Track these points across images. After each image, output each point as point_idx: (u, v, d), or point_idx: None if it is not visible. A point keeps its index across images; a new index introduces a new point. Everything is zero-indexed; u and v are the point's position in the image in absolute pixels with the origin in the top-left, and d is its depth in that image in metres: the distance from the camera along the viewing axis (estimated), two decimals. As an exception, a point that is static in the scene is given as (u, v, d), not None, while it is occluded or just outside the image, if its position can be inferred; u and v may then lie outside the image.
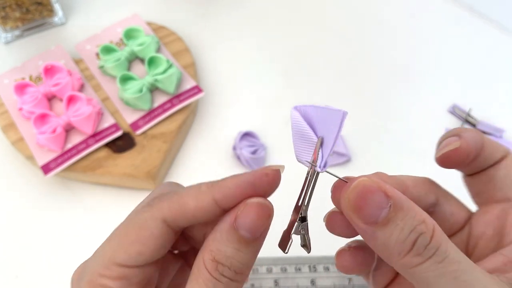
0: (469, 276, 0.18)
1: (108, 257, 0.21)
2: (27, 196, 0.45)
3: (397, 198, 0.18)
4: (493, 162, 0.23)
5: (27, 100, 0.44)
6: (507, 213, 0.23)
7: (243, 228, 0.20)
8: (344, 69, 0.54)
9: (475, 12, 0.59)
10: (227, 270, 0.20)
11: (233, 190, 0.20)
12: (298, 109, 0.22)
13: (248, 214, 0.20)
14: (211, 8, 0.58)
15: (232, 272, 0.20)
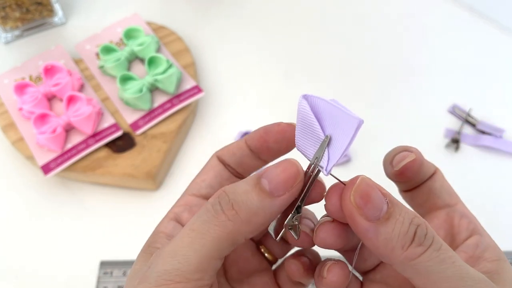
0: (463, 262, 0.19)
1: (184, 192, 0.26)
2: (27, 196, 0.45)
3: (390, 195, 0.20)
4: (429, 175, 0.27)
5: (27, 100, 0.44)
6: (451, 216, 0.26)
7: (266, 177, 0.20)
8: (344, 69, 0.54)
9: (475, 12, 0.59)
10: (224, 200, 0.20)
11: (256, 131, 0.25)
12: (308, 98, 0.21)
13: (276, 169, 0.20)
14: (211, 8, 0.58)
15: (226, 205, 0.20)
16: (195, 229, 0.20)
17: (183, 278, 0.19)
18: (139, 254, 0.24)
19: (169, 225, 0.24)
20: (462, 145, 0.48)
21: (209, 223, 0.20)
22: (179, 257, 0.20)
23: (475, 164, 0.47)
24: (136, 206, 0.44)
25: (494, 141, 0.47)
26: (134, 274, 0.22)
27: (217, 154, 0.26)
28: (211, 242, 0.20)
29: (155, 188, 0.45)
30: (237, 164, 0.26)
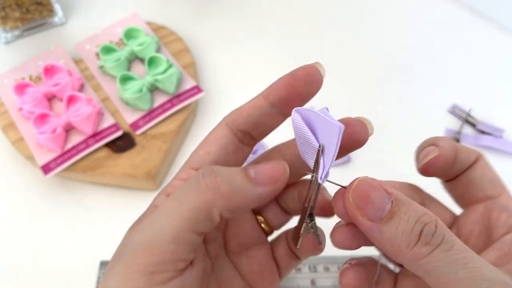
0: (479, 263, 0.18)
1: (186, 163, 0.24)
2: (27, 196, 0.45)
3: (397, 194, 0.19)
4: (468, 165, 0.25)
5: (27, 100, 0.44)
6: (490, 210, 0.24)
7: (253, 168, 0.21)
8: (344, 69, 0.54)
9: (475, 12, 0.59)
10: (210, 170, 0.21)
11: (275, 84, 0.23)
12: (299, 111, 0.22)
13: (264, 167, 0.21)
14: (211, 8, 0.58)
15: (212, 174, 0.20)
16: (175, 198, 0.20)
17: (158, 249, 0.19)
18: (138, 226, 0.23)
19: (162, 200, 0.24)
20: (462, 145, 0.48)
21: (189, 191, 0.20)
22: (155, 228, 0.19)
23: (475, 164, 0.47)
24: (136, 206, 0.44)
25: (494, 141, 0.48)
26: (115, 253, 0.22)
27: (227, 121, 0.24)
28: (187, 211, 0.20)
29: (155, 188, 0.45)
30: (254, 126, 0.24)
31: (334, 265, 0.40)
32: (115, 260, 0.21)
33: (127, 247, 0.20)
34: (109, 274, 0.20)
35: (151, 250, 0.19)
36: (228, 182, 0.20)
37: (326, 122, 0.21)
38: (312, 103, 0.50)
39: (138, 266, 0.19)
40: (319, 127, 0.21)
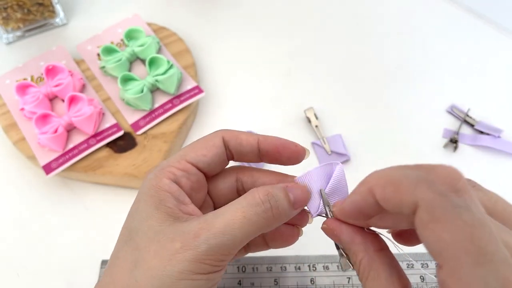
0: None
1: (180, 155, 0.28)
2: (29, 195, 0.45)
3: (342, 237, 0.25)
4: None
5: (28, 101, 0.45)
6: None
7: (290, 191, 0.26)
8: (343, 69, 0.54)
9: (474, 13, 0.59)
10: (273, 200, 0.25)
11: (273, 140, 0.28)
12: (301, 179, 0.28)
13: (296, 188, 0.27)
14: (212, 9, 0.59)
15: (273, 203, 0.25)
16: (247, 217, 0.24)
17: (228, 252, 0.24)
18: (148, 209, 0.25)
19: (172, 186, 0.26)
20: (461, 145, 0.48)
21: (259, 216, 0.24)
22: (228, 235, 0.23)
23: (474, 164, 0.47)
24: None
25: (492, 141, 0.48)
26: (158, 231, 0.24)
27: (223, 135, 0.28)
28: (255, 230, 0.24)
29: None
30: (239, 153, 0.29)
31: (334, 264, 0.41)
32: (182, 246, 0.23)
33: (200, 241, 0.23)
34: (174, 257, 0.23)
35: (223, 251, 0.24)
36: (283, 210, 0.25)
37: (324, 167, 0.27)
38: (313, 104, 0.51)
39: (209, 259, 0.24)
40: (321, 177, 0.28)
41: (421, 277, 0.40)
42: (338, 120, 0.50)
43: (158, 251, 0.23)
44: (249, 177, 0.30)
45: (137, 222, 0.25)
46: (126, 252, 0.25)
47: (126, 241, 0.25)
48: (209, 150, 0.28)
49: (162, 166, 0.27)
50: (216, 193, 0.30)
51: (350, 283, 0.40)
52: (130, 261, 0.24)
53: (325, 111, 0.50)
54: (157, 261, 0.23)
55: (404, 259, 0.41)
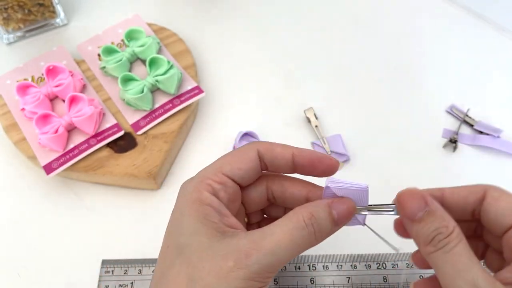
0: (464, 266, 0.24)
1: (217, 167, 0.28)
2: (29, 195, 0.45)
3: (433, 207, 0.26)
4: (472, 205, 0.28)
5: (29, 101, 0.45)
6: None
7: (334, 208, 0.27)
8: (343, 69, 0.54)
9: (473, 13, 0.59)
10: (316, 223, 0.26)
11: (308, 153, 0.29)
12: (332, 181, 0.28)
13: (341, 203, 0.27)
14: (212, 10, 0.59)
15: (316, 227, 0.26)
16: (293, 240, 0.26)
17: (274, 270, 0.26)
18: (194, 223, 0.27)
19: (213, 199, 0.27)
20: (460, 145, 0.49)
21: (304, 239, 0.26)
22: (276, 256, 0.25)
23: (473, 164, 0.48)
24: (137, 205, 0.45)
25: (492, 141, 0.48)
26: (208, 247, 0.26)
27: (258, 148, 0.29)
28: (299, 250, 0.26)
29: (156, 188, 0.45)
30: (273, 166, 0.30)
31: (333, 264, 0.41)
32: (235, 264, 0.25)
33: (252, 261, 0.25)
34: None
35: (271, 270, 0.26)
36: (324, 232, 0.27)
37: (353, 189, 0.28)
38: (312, 104, 0.51)
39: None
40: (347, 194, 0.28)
41: (421, 276, 0.40)
42: (338, 120, 0.50)
43: (213, 268, 0.25)
44: (279, 186, 0.31)
45: (185, 238, 0.27)
46: (179, 267, 0.26)
47: (176, 256, 0.26)
48: (244, 164, 0.29)
49: (199, 178, 0.28)
50: (248, 201, 0.31)
51: (350, 283, 0.40)
52: (185, 278, 0.25)
53: (325, 111, 0.50)
54: (213, 278, 0.25)
55: (404, 258, 0.41)
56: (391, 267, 0.40)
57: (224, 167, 0.28)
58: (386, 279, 0.40)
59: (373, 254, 0.41)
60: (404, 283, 0.40)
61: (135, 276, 0.40)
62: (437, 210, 0.26)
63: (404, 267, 0.40)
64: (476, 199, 0.28)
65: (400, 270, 0.40)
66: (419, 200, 0.26)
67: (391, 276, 0.40)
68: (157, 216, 0.44)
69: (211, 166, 0.29)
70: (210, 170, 0.29)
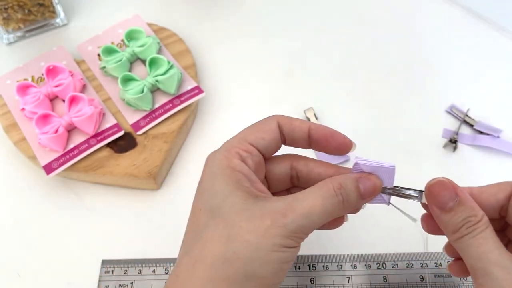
0: (487, 248, 0.26)
1: (242, 137, 0.30)
2: (29, 195, 0.45)
3: (463, 197, 0.27)
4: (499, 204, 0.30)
5: (29, 101, 0.45)
6: None
7: (361, 183, 0.28)
8: (343, 69, 0.54)
9: (473, 13, 0.59)
10: (344, 193, 0.28)
11: (323, 129, 0.30)
12: (360, 160, 0.30)
13: (368, 180, 0.29)
14: (212, 10, 0.59)
15: (345, 197, 0.28)
16: (324, 206, 0.27)
17: (306, 232, 0.27)
18: (227, 187, 0.28)
19: (243, 166, 0.28)
20: (460, 145, 0.49)
21: (333, 206, 0.27)
22: (309, 219, 0.27)
23: (473, 164, 0.48)
24: (137, 205, 0.45)
25: (491, 141, 0.48)
26: (243, 209, 0.27)
27: (278, 120, 0.30)
28: (329, 217, 0.27)
29: (156, 188, 0.45)
30: (291, 139, 0.31)
31: (333, 264, 0.41)
32: (272, 222, 0.26)
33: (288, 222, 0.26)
34: None
35: (304, 231, 0.27)
36: (351, 202, 0.28)
37: (380, 167, 0.29)
38: (312, 104, 0.51)
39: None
40: (374, 172, 0.29)
41: (421, 276, 0.40)
42: (338, 120, 0.50)
43: (251, 227, 0.26)
44: (304, 166, 0.32)
45: (218, 200, 0.27)
46: (215, 227, 0.27)
47: (210, 217, 0.27)
48: (267, 134, 0.30)
49: (226, 148, 0.30)
50: (270, 177, 0.32)
51: (350, 283, 0.40)
52: (223, 236, 0.26)
53: (325, 111, 0.50)
54: (252, 236, 0.26)
55: (404, 258, 0.41)
56: (391, 267, 0.40)
57: (248, 137, 0.30)
58: (386, 279, 0.40)
59: (373, 254, 0.41)
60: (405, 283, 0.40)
61: (135, 276, 0.40)
62: (467, 200, 0.27)
63: (404, 267, 0.40)
64: (505, 196, 0.29)
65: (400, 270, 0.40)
66: (450, 190, 0.27)
67: (391, 276, 0.40)
68: (157, 216, 0.44)
69: (236, 137, 0.30)
70: (236, 140, 0.30)
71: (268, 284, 0.26)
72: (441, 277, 0.40)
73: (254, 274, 0.26)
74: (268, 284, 0.26)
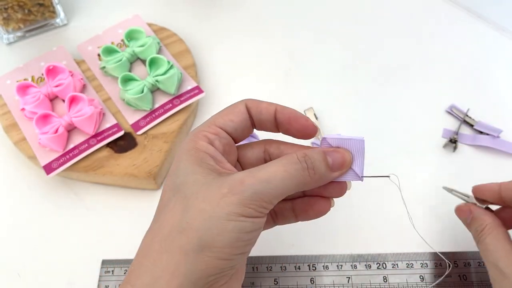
0: (489, 252, 0.34)
1: (210, 121, 0.30)
2: (29, 195, 0.45)
3: (475, 214, 0.36)
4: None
5: (29, 101, 0.45)
6: None
7: (329, 155, 0.29)
8: (343, 69, 0.54)
9: (473, 13, 0.59)
10: (309, 161, 0.28)
11: (287, 111, 0.30)
12: (327, 138, 0.29)
13: (336, 152, 0.29)
14: (212, 10, 0.59)
15: (310, 164, 0.27)
16: (288, 171, 0.27)
17: (269, 199, 0.26)
18: (190, 166, 0.28)
19: (209, 147, 0.28)
20: (460, 145, 0.49)
21: (298, 172, 0.27)
22: (272, 185, 0.26)
23: (473, 164, 0.48)
24: (137, 205, 0.45)
25: (491, 141, 0.48)
26: (204, 183, 0.26)
27: (247, 103, 0.31)
28: (294, 184, 0.27)
29: (156, 188, 0.45)
30: (259, 121, 0.31)
31: (334, 264, 0.41)
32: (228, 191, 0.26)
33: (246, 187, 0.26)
34: None
35: (266, 198, 0.26)
36: (319, 172, 0.28)
37: (350, 140, 0.29)
38: (312, 104, 0.51)
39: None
40: (343, 145, 0.29)
41: (421, 277, 0.40)
42: (337, 120, 0.50)
43: (207, 196, 0.26)
44: (276, 148, 0.31)
45: (182, 178, 0.27)
46: (175, 201, 0.27)
47: (173, 194, 0.27)
48: (235, 116, 0.30)
49: (194, 132, 0.30)
50: (244, 162, 0.32)
51: (350, 283, 0.40)
52: (180, 207, 0.26)
53: (325, 111, 0.50)
54: (206, 204, 0.25)
55: (404, 258, 0.41)
56: (391, 267, 0.40)
57: (217, 120, 0.30)
58: (386, 279, 0.40)
59: (373, 254, 0.41)
60: (405, 283, 0.40)
61: (135, 276, 0.40)
62: (477, 215, 0.36)
63: (404, 267, 0.40)
64: None
65: (400, 270, 0.40)
66: (466, 212, 0.37)
67: (391, 276, 0.40)
68: (157, 216, 0.44)
69: (205, 122, 0.30)
70: (204, 124, 0.30)
71: (226, 254, 0.25)
72: (441, 277, 0.40)
73: (208, 243, 0.25)
74: (226, 254, 0.25)
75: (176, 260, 0.25)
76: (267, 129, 0.31)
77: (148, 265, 0.26)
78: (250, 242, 0.27)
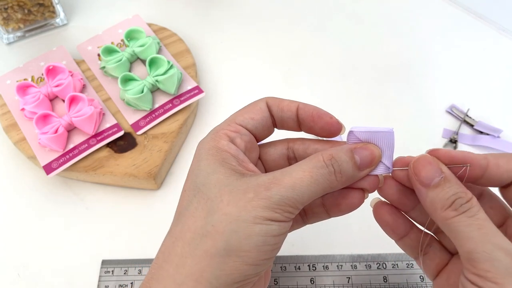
0: (490, 230, 0.24)
1: (231, 119, 0.29)
2: (29, 195, 0.45)
3: (448, 174, 0.26)
4: None
5: (29, 101, 0.45)
6: None
7: (357, 154, 0.27)
8: (343, 69, 0.54)
9: (474, 13, 0.59)
10: (336, 164, 0.26)
11: (310, 108, 0.29)
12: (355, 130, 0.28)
13: (364, 149, 0.27)
14: (212, 10, 0.59)
15: (337, 168, 0.26)
16: (313, 177, 0.26)
17: (295, 205, 0.25)
18: (212, 165, 0.27)
19: (230, 146, 0.28)
20: (460, 145, 0.49)
21: (324, 177, 0.26)
22: (297, 191, 0.25)
23: (473, 164, 0.47)
24: (137, 205, 0.45)
25: (491, 141, 0.48)
26: (227, 184, 0.26)
27: (267, 101, 0.30)
28: (320, 189, 0.26)
29: (156, 188, 0.45)
30: (280, 119, 0.30)
31: (333, 264, 0.41)
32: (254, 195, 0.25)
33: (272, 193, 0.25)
34: None
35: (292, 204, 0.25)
36: (346, 174, 0.26)
37: (378, 133, 0.28)
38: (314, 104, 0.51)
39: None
40: (371, 139, 0.28)
41: (421, 277, 0.40)
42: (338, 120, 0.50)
43: (232, 200, 0.25)
44: (300, 144, 0.31)
45: (202, 178, 0.27)
46: (197, 203, 0.26)
47: (194, 195, 0.26)
48: (256, 114, 0.29)
49: (215, 130, 0.29)
50: (267, 160, 0.31)
51: (350, 283, 0.40)
52: (203, 210, 0.25)
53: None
54: (232, 208, 0.25)
55: (404, 258, 0.41)
56: (391, 267, 0.40)
57: (237, 118, 0.29)
58: (386, 279, 0.40)
59: (373, 254, 0.41)
60: (405, 283, 0.40)
61: (135, 276, 0.40)
62: (452, 177, 0.26)
63: (404, 267, 0.40)
64: None
65: (400, 270, 0.40)
66: (436, 167, 0.26)
67: (391, 276, 0.40)
68: (157, 216, 0.44)
69: (225, 120, 0.30)
70: (225, 123, 0.29)
71: (253, 259, 0.25)
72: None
73: (235, 247, 0.24)
74: (253, 259, 0.25)
75: (201, 265, 0.24)
76: (289, 128, 0.30)
77: (170, 270, 0.25)
78: (276, 246, 0.26)
